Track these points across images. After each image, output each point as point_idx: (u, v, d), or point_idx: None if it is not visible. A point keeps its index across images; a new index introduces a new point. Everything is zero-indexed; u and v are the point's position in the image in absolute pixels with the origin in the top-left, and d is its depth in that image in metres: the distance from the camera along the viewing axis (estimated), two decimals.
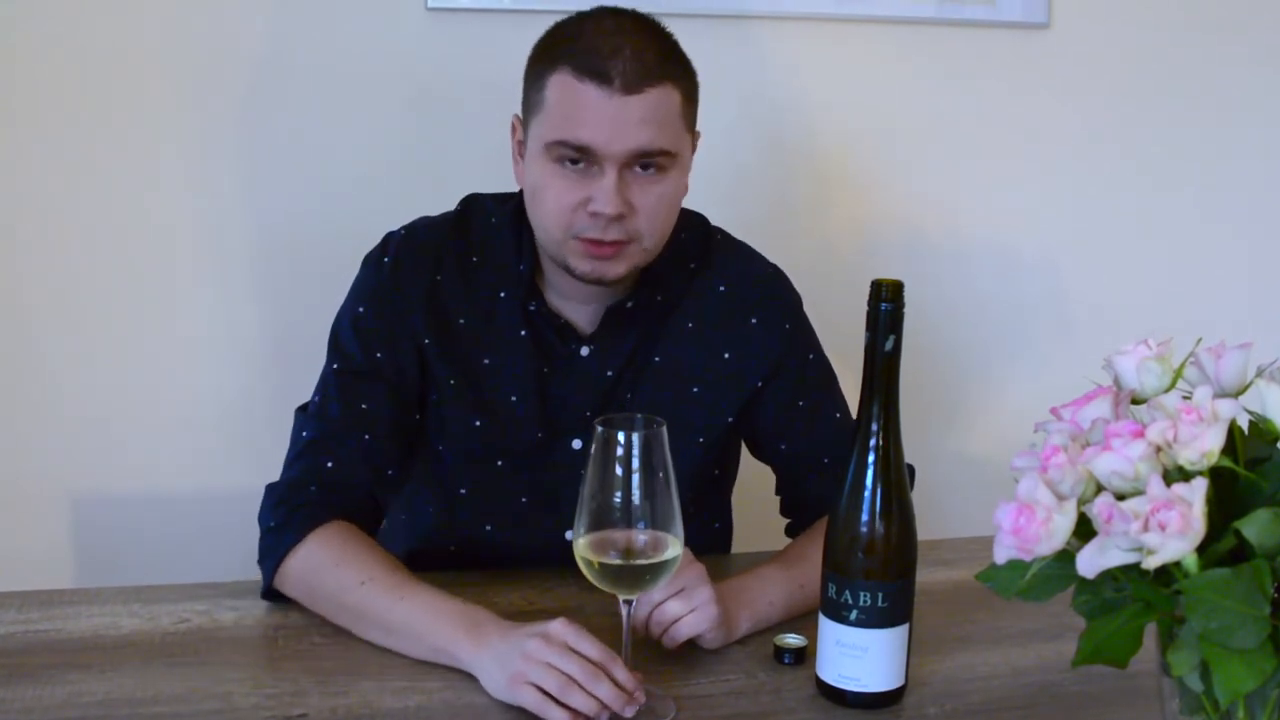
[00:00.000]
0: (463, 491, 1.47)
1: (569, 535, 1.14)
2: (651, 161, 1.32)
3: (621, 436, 1.09)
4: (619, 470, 1.09)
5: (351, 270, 1.46)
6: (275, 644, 1.28)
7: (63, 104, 1.82)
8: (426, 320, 1.42)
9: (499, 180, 1.49)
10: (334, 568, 1.29)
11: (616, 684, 1.11)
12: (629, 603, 1.15)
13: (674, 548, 1.12)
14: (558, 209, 1.32)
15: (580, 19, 1.34)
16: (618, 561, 1.11)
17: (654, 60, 1.30)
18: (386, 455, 1.41)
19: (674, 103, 1.32)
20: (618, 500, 1.10)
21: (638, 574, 1.12)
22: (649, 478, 1.09)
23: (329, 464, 1.37)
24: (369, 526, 1.38)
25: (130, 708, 1.14)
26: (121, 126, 1.84)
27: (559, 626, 1.15)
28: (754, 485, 1.60)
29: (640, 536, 1.11)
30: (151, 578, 1.45)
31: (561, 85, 1.30)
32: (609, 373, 1.44)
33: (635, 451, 1.09)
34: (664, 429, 1.11)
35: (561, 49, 1.32)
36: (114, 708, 1.14)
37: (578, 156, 1.31)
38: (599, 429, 1.11)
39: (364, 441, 1.39)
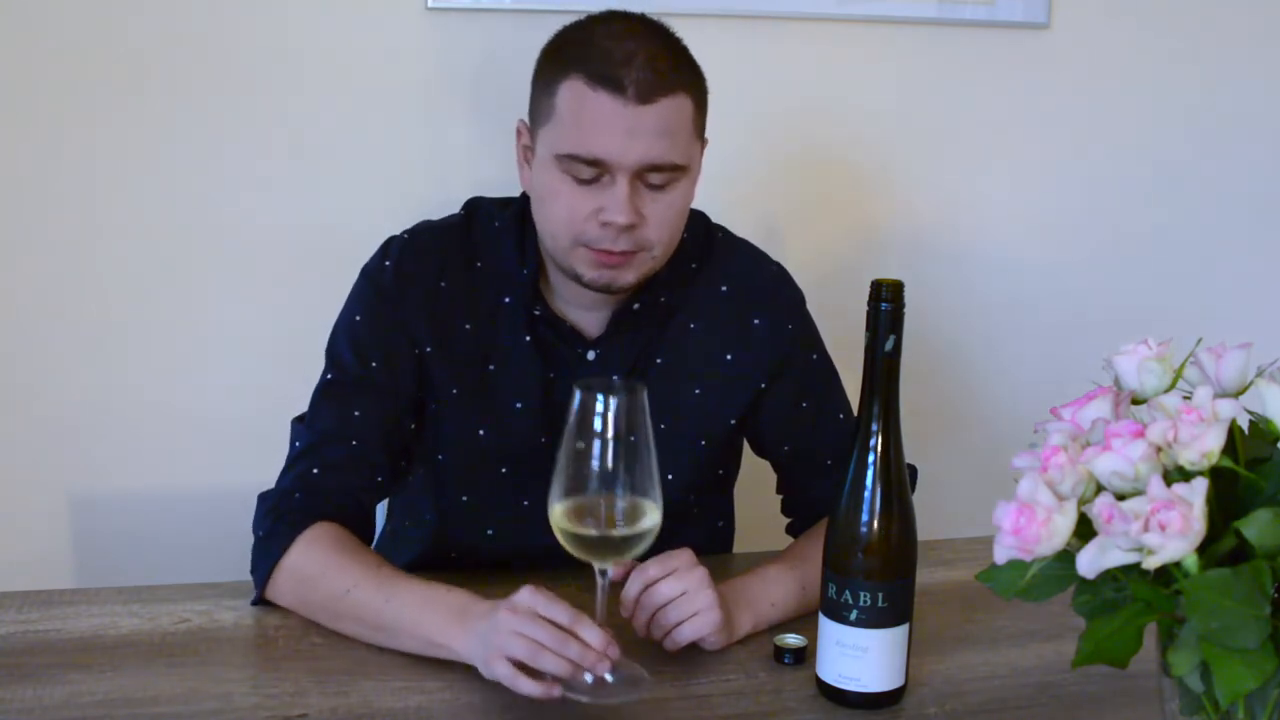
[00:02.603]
0: (464, 499, 1.46)
1: None
2: (662, 174, 1.31)
3: (600, 400, 1.07)
4: (597, 434, 1.07)
5: (350, 269, 1.46)
6: (275, 644, 1.27)
7: (62, 103, 1.82)
8: (429, 326, 1.41)
9: (499, 180, 1.48)
10: (320, 577, 1.28)
11: (586, 644, 1.10)
12: (604, 573, 1.13)
13: (652, 515, 1.09)
14: (569, 218, 1.31)
15: (590, 23, 1.32)
16: (594, 532, 1.09)
17: (667, 67, 1.28)
18: (377, 463, 1.39)
19: (686, 113, 1.31)
20: (595, 466, 1.07)
21: (614, 545, 1.10)
22: (627, 442, 1.07)
23: (315, 470, 1.36)
24: (359, 532, 1.37)
25: (130, 708, 1.14)
26: (119, 126, 1.83)
27: (525, 595, 1.14)
28: (755, 485, 1.60)
29: (619, 503, 1.08)
30: (151, 578, 1.45)
31: (573, 93, 1.28)
32: (614, 377, 1.43)
33: (613, 415, 1.06)
34: (644, 392, 1.08)
35: (572, 55, 1.30)
36: (114, 708, 1.13)
37: (590, 169, 1.29)
38: (577, 392, 1.07)
39: (353, 448, 1.37)
